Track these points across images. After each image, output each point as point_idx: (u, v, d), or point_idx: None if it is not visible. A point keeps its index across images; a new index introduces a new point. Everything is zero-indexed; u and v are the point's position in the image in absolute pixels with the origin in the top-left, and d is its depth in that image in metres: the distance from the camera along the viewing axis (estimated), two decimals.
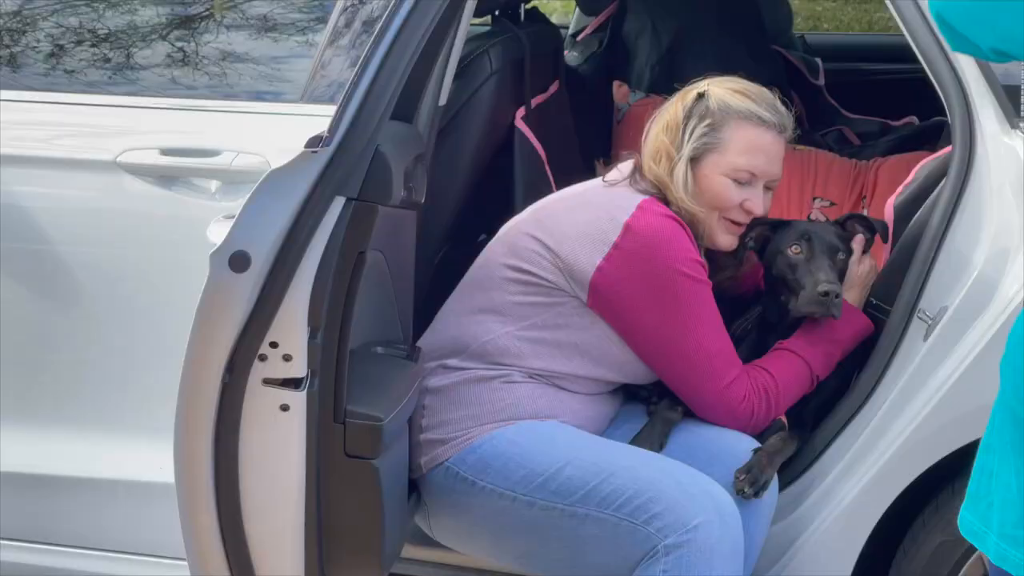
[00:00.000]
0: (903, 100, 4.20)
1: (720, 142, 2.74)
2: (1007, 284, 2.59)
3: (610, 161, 3.01)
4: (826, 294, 2.75)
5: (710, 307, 2.71)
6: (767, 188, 2.82)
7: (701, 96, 2.76)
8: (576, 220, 2.74)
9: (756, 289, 3.02)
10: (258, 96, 3.14)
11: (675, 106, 2.79)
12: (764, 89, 2.82)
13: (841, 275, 2.84)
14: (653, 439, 2.78)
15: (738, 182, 2.76)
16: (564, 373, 2.74)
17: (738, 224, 2.81)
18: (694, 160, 2.74)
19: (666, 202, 2.75)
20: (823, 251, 2.83)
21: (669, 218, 2.70)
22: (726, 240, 2.82)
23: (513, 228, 2.85)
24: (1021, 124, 2.65)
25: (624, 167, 2.85)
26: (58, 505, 3.10)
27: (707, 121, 2.74)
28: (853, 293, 2.90)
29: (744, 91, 2.78)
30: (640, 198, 2.73)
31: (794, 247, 2.84)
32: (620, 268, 2.67)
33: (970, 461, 2.66)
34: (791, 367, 2.79)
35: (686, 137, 2.74)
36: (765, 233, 2.91)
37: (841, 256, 2.85)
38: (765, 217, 2.91)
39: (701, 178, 2.75)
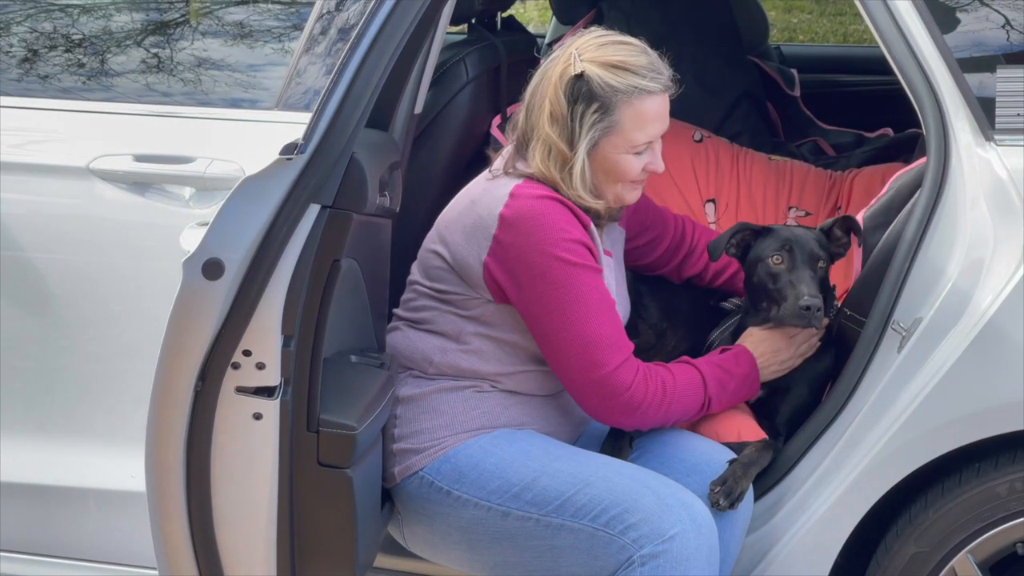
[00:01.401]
0: (878, 112, 4.20)
1: (614, 124, 2.65)
2: (981, 296, 2.60)
3: (500, 145, 2.95)
4: (808, 308, 2.75)
5: (590, 290, 2.63)
6: None
7: (579, 77, 2.63)
8: (463, 223, 2.71)
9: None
10: (233, 103, 3.13)
11: (553, 90, 2.65)
12: (634, 45, 2.71)
13: (822, 283, 2.84)
14: (620, 443, 2.78)
15: (637, 154, 2.71)
16: (519, 370, 2.73)
17: (641, 180, 2.76)
18: (591, 149, 2.66)
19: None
20: (804, 262, 2.83)
21: (543, 199, 2.63)
22: (633, 196, 2.77)
23: (424, 245, 2.82)
24: (995, 136, 2.65)
25: (506, 151, 2.79)
26: (28, 513, 3.08)
27: (595, 105, 2.63)
28: (768, 368, 2.87)
29: (621, 63, 2.64)
30: (513, 185, 2.67)
31: (775, 257, 2.84)
32: (503, 261, 2.63)
33: (944, 471, 2.69)
34: (690, 374, 2.75)
35: (577, 128, 2.64)
36: (747, 239, 2.91)
37: (822, 265, 2.86)
38: (748, 223, 2.92)
39: (601, 162, 2.68)
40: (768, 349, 2.85)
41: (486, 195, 2.69)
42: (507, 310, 2.69)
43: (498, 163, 2.77)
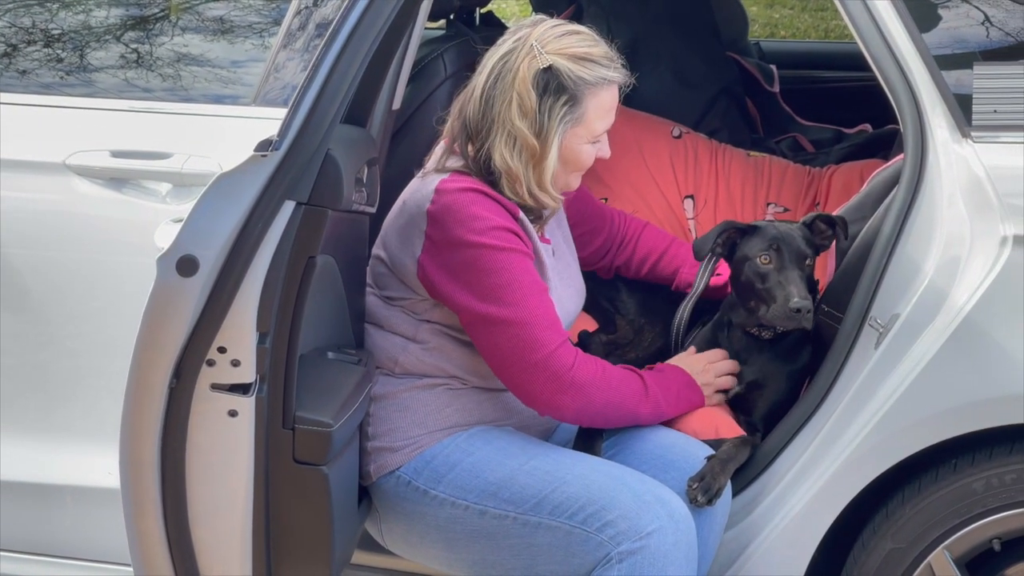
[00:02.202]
0: (857, 108, 4.21)
1: (580, 116, 2.65)
2: (958, 292, 2.60)
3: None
4: (798, 311, 2.75)
5: (522, 273, 2.61)
6: None
7: (547, 70, 2.61)
8: (397, 225, 2.72)
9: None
10: (211, 99, 3.13)
11: (522, 83, 2.62)
12: (588, 34, 2.69)
13: (808, 281, 2.84)
14: (592, 435, 2.78)
15: (595, 142, 2.71)
16: (481, 363, 2.71)
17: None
18: (560, 142, 2.65)
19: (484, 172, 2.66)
20: (792, 261, 2.83)
21: (466, 191, 2.63)
22: (578, 182, 2.78)
23: (372, 252, 2.82)
24: (972, 133, 2.66)
25: (438, 150, 2.79)
26: (4, 511, 3.06)
27: (564, 98, 2.62)
28: (710, 395, 2.89)
29: (587, 54, 2.64)
30: (439, 180, 2.66)
31: (763, 256, 2.84)
32: (435, 256, 2.63)
33: (921, 468, 2.70)
34: (619, 368, 2.74)
35: (547, 121, 2.62)
36: (733, 237, 2.91)
37: (809, 263, 2.86)
38: (734, 221, 2.93)
39: (564, 152, 2.67)
40: (690, 370, 2.88)
41: (415, 194, 2.69)
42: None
43: (430, 162, 2.76)
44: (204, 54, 3.18)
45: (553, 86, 2.61)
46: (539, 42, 2.63)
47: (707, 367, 2.90)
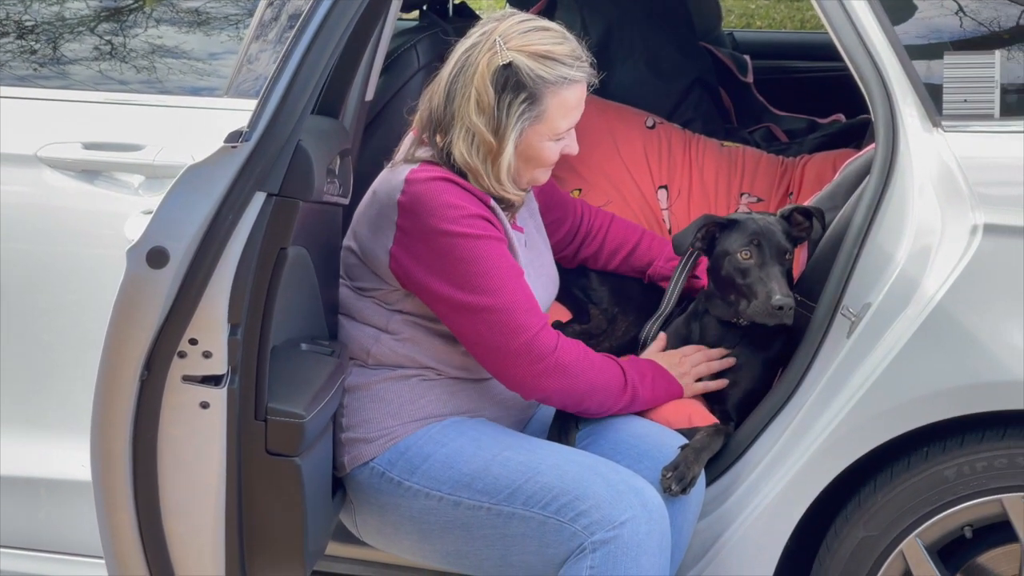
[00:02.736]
0: (831, 98, 4.21)
1: (541, 114, 2.64)
2: (929, 281, 2.61)
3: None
4: (780, 308, 2.76)
5: (497, 260, 2.61)
6: None
7: (507, 66, 2.60)
8: (368, 216, 2.72)
9: None
10: (185, 90, 3.12)
11: (480, 79, 2.61)
12: (555, 31, 2.67)
13: (787, 274, 2.85)
14: (567, 426, 2.78)
15: (558, 140, 2.70)
16: (458, 353, 2.72)
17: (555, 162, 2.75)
18: (518, 139, 2.64)
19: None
20: (773, 256, 2.83)
21: (436, 180, 2.62)
22: (546, 177, 2.77)
23: (343, 244, 2.82)
24: (943, 122, 2.67)
25: (407, 140, 2.79)
26: None
27: (523, 96, 2.61)
28: (687, 385, 2.90)
29: (548, 52, 2.62)
30: (408, 171, 2.66)
31: (744, 252, 2.84)
32: (408, 247, 2.63)
33: (893, 456, 2.71)
34: (598, 354, 2.76)
35: (504, 118, 2.61)
36: (712, 231, 2.92)
37: (789, 257, 2.87)
38: (713, 216, 2.93)
39: (524, 150, 2.67)
40: (664, 364, 2.88)
41: (385, 184, 2.69)
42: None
43: (400, 152, 2.76)
44: (179, 46, 3.17)
45: (512, 83, 2.60)
46: (502, 37, 2.62)
47: (681, 360, 2.91)
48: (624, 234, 3.21)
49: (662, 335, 3.00)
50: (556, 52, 2.63)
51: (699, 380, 2.91)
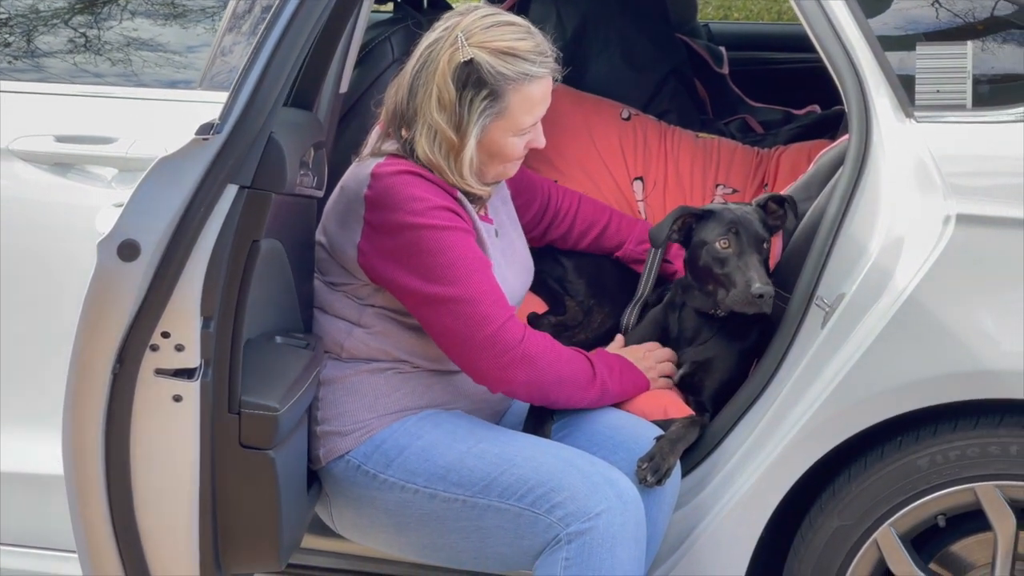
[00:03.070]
0: (806, 89, 4.21)
1: (503, 110, 2.63)
2: (902, 272, 2.62)
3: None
4: (760, 296, 2.76)
5: (463, 251, 2.61)
6: None
7: (468, 63, 2.59)
8: (336, 210, 2.72)
9: None
10: (160, 83, 3.11)
11: (441, 76, 2.61)
12: (520, 26, 2.66)
13: (765, 264, 2.85)
14: (542, 417, 2.79)
15: (522, 135, 2.69)
16: (427, 346, 2.72)
17: (523, 156, 2.75)
18: (479, 135, 2.64)
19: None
20: (751, 245, 2.83)
21: (401, 174, 2.62)
22: (514, 170, 2.77)
23: (316, 239, 2.82)
24: (915, 113, 2.67)
25: (374, 134, 2.79)
26: None
27: (484, 92, 2.60)
28: (653, 378, 2.90)
29: (510, 48, 2.60)
30: (374, 164, 2.65)
31: (722, 241, 2.84)
32: (375, 242, 2.63)
33: (867, 446, 2.72)
34: (566, 347, 2.76)
35: (466, 115, 2.61)
36: (689, 222, 2.92)
37: (766, 246, 2.87)
38: (689, 207, 2.93)
39: (487, 146, 2.66)
40: (630, 358, 2.89)
41: (352, 179, 2.69)
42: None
43: (367, 146, 2.76)
44: (154, 38, 3.16)
45: (473, 80, 2.59)
46: (465, 33, 2.61)
47: (646, 354, 2.92)
48: (593, 215, 3.21)
49: (619, 337, 3.01)
50: (518, 48, 2.61)
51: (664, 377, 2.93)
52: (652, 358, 2.91)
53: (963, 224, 2.58)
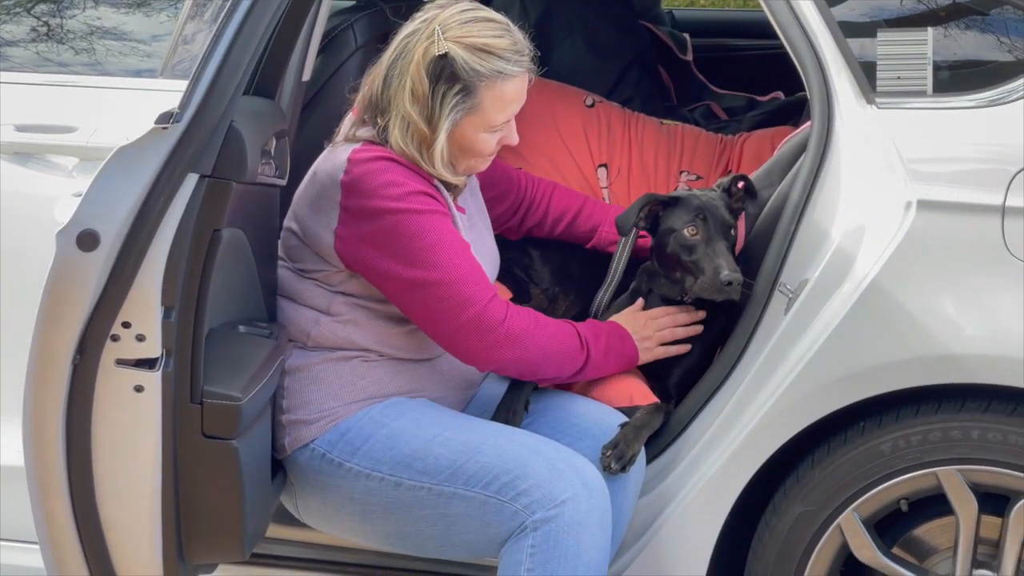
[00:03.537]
0: (770, 76, 4.22)
1: (475, 106, 2.63)
2: (864, 257, 2.63)
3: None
4: (729, 283, 2.76)
5: (442, 234, 2.61)
6: None
7: (443, 57, 2.59)
8: (309, 196, 2.71)
9: None
10: (123, 72, 3.10)
11: (415, 68, 2.61)
12: (498, 23, 2.66)
13: (731, 249, 2.85)
14: (515, 406, 2.78)
15: (494, 131, 2.70)
16: (399, 333, 2.72)
17: (495, 152, 2.76)
18: (450, 129, 2.64)
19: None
20: (719, 232, 2.83)
21: (377, 160, 2.62)
22: (485, 166, 2.78)
23: (284, 225, 2.81)
24: (877, 99, 2.68)
25: (347, 120, 2.78)
26: None
27: (457, 87, 2.60)
28: (650, 348, 2.89)
29: (486, 45, 2.60)
30: (350, 150, 2.65)
31: (690, 228, 2.84)
32: (353, 227, 2.62)
33: (830, 431, 2.73)
34: (555, 320, 2.76)
35: (438, 108, 2.61)
36: (656, 209, 2.92)
37: (733, 232, 2.87)
38: (655, 194, 2.92)
39: (458, 140, 2.66)
40: (629, 326, 2.88)
41: (326, 164, 2.68)
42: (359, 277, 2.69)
43: (340, 132, 2.75)
44: (118, 27, 3.14)
45: (446, 74, 2.59)
46: (442, 27, 2.61)
47: (647, 322, 2.90)
48: (567, 201, 3.20)
49: (640, 301, 2.98)
50: (494, 45, 2.61)
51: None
52: (654, 326, 2.90)
53: (924, 210, 2.59)
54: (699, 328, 2.93)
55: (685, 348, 2.92)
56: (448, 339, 2.66)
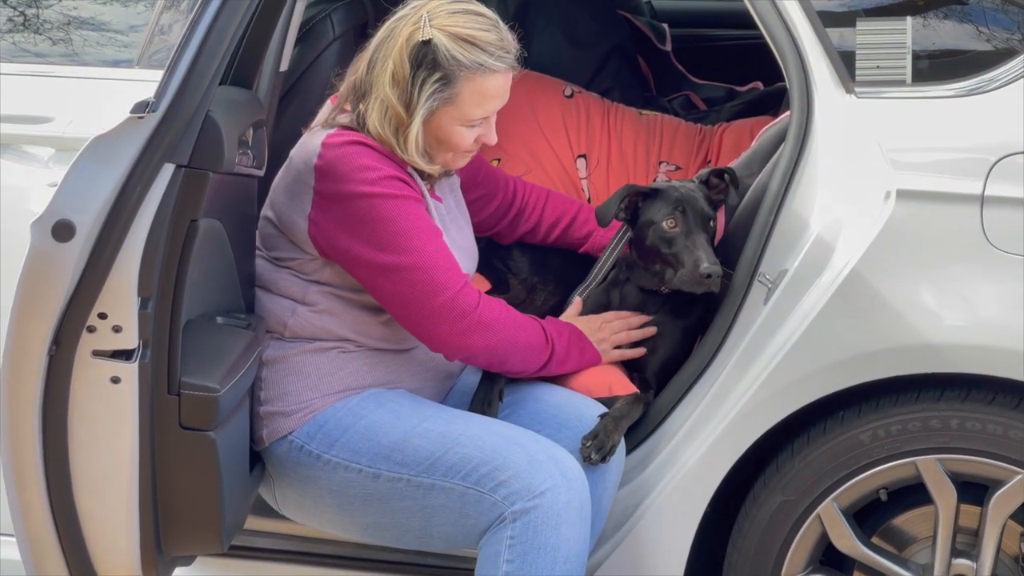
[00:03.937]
0: (749, 66, 4.21)
1: (453, 96, 2.62)
2: (843, 247, 2.63)
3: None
4: (708, 276, 2.76)
5: (415, 220, 2.61)
6: None
7: (426, 43, 2.59)
8: (285, 182, 2.70)
9: None
10: (100, 62, 3.09)
11: (398, 51, 2.61)
12: (487, 18, 2.66)
13: (711, 242, 2.85)
14: (490, 397, 2.78)
15: (472, 127, 2.69)
16: (376, 322, 2.71)
17: (473, 150, 2.76)
18: (426, 117, 2.63)
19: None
20: (698, 224, 2.83)
21: (351, 144, 2.61)
22: (461, 163, 2.77)
23: (261, 213, 2.80)
24: (856, 88, 2.68)
25: (325, 107, 2.78)
26: None
27: (437, 75, 2.60)
28: (606, 350, 2.90)
29: (470, 37, 2.60)
30: (324, 135, 2.65)
31: (669, 220, 2.84)
32: (327, 211, 2.62)
33: (809, 421, 2.73)
34: (519, 312, 2.77)
35: (416, 94, 2.61)
36: (635, 201, 2.91)
37: (712, 224, 2.87)
38: (636, 185, 2.92)
39: (434, 130, 2.66)
40: (584, 329, 2.88)
41: (302, 149, 2.68)
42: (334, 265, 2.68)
43: (318, 117, 2.74)
44: (95, 16, 3.13)
45: (428, 61, 2.59)
46: (430, 14, 2.61)
47: (602, 325, 2.91)
48: (562, 207, 3.20)
49: (578, 300, 3.00)
50: (479, 38, 2.61)
51: (617, 348, 2.91)
52: (608, 329, 2.91)
53: (904, 199, 2.59)
54: (652, 330, 2.94)
55: (640, 352, 2.93)
56: (419, 325, 2.65)
